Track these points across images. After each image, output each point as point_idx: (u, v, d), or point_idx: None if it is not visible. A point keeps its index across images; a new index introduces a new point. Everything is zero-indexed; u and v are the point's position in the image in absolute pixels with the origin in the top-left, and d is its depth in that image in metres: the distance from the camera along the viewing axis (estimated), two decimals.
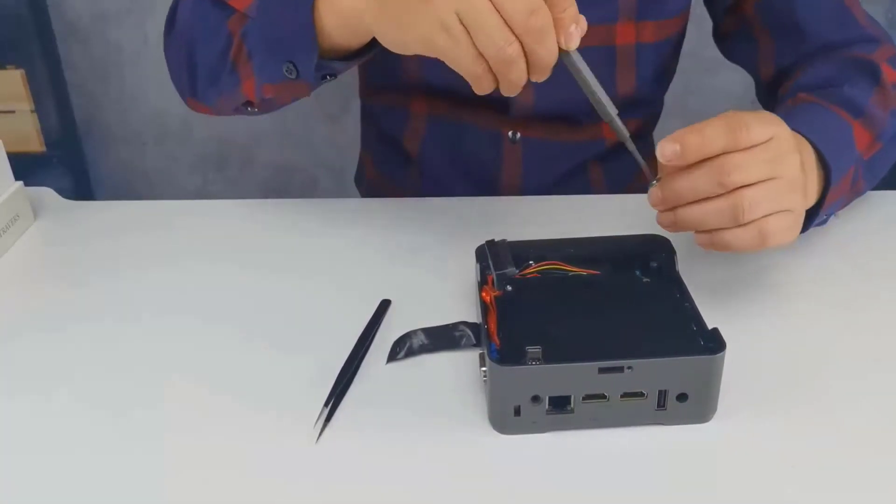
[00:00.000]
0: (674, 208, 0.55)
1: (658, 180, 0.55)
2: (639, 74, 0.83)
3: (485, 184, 0.88)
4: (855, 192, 0.68)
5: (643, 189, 0.58)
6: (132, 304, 0.64)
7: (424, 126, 0.89)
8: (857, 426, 0.51)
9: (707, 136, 0.51)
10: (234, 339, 0.60)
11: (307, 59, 0.62)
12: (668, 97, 0.94)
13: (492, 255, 0.58)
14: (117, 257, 0.71)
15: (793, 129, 0.59)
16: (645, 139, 0.95)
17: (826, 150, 0.60)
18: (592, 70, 0.54)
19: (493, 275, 0.57)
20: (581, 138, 0.87)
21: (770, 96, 0.82)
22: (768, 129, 0.53)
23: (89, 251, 0.72)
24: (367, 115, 0.99)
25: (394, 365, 0.57)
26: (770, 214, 0.53)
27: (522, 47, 0.50)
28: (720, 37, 0.87)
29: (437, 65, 0.83)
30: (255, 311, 0.63)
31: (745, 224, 0.53)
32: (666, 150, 0.52)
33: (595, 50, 0.81)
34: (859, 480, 0.48)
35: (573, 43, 0.52)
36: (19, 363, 0.59)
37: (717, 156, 0.52)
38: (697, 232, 0.55)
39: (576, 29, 0.51)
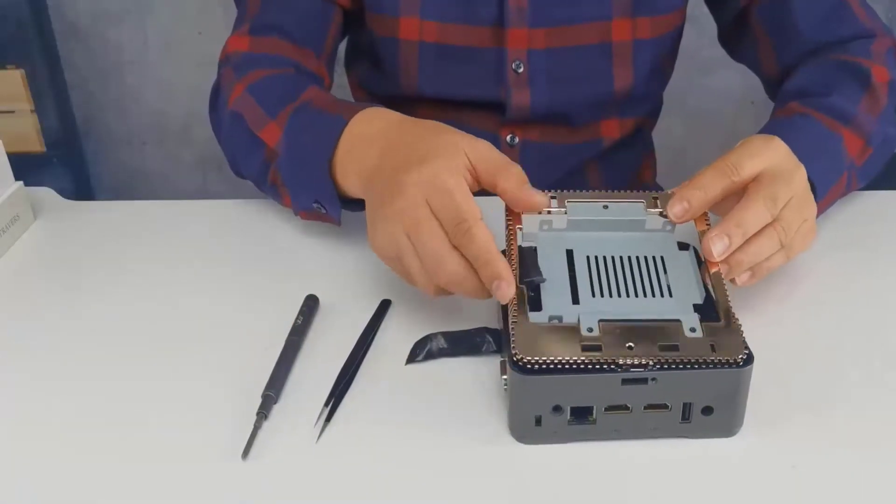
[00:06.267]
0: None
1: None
2: (636, 71, 0.83)
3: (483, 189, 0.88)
4: (848, 192, 0.70)
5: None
6: (132, 303, 0.64)
7: None
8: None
9: (707, 187, 0.56)
10: (235, 337, 0.60)
11: (332, 206, 0.65)
12: (667, 97, 0.94)
13: (519, 262, 0.55)
14: (117, 257, 0.71)
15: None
16: (644, 138, 0.95)
17: (812, 169, 0.62)
18: (589, 67, 0.53)
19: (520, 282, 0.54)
20: (579, 139, 0.87)
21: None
22: (757, 161, 0.56)
23: (89, 251, 0.72)
24: None
25: (398, 367, 0.57)
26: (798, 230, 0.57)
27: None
28: (725, 39, 0.87)
29: (434, 79, 0.83)
30: (255, 309, 0.63)
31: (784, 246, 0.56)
32: (676, 209, 0.55)
33: (592, 47, 0.81)
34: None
35: (503, 299, 0.52)
36: (18, 362, 0.59)
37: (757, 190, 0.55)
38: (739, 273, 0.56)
39: (499, 283, 0.51)
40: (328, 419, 0.52)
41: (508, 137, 0.86)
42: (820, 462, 0.49)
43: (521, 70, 0.81)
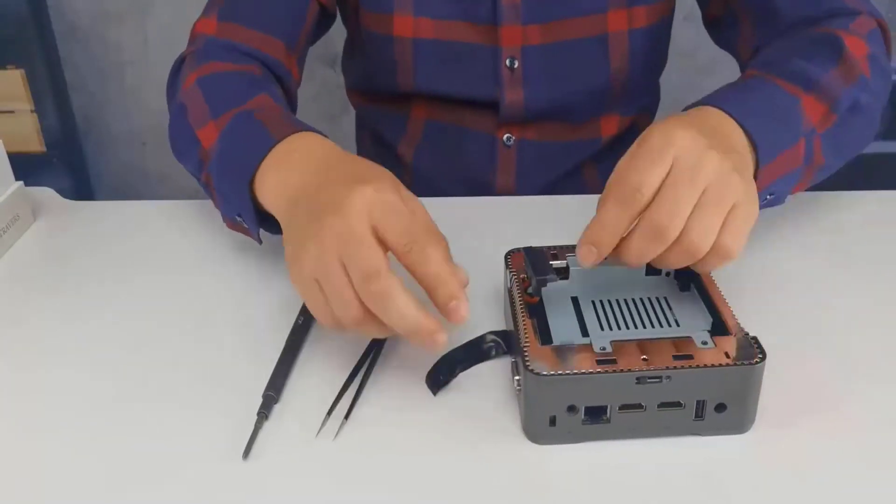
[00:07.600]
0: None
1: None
2: (632, 61, 0.83)
3: (478, 188, 0.88)
4: (817, 168, 0.64)
5: None
6: (132, 304, 0.64)
7: (422, 131, 0.89)
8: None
9: (609, 223, 0.50)
10: (235, 338, 0.60)
11: (251, 223, 0.62)
12: (667, 96, 0.94)
13: (531, 263, 0.56)
14: (117, 257, 0.71)
15: (720, 107, 0.57)
16: None
17: (755, 126, 0.57)
18: (585, 60, 0.51)
19: (533, 281, 0.55)
20: (577, 137, 0.87)
21: None
22: (659, 168, 0.50)
23: (89, 251, 0.72)
24: (362, 121, 0.99)
25: (400, 366, 0.57)
26: (723, 229, 0.50)
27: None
28: (708, 22, 0.85)
29: (430, 76, 0.84)
30: (256, 310, 0.63)
31: (713, 251, 0.51)
32: (586, 256, 0.51)
33: (588, 40, 0.81)
34: None
35: (459, 321, 0.49)
36: (18, 362, 0.59)
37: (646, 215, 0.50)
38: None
39: (457, 305, 0.48)
40: (327, 417, 0.52)
41: (505, 137, 0.86)
42: (821, 462, 0.49)
43: (515, 66, 0.81)
